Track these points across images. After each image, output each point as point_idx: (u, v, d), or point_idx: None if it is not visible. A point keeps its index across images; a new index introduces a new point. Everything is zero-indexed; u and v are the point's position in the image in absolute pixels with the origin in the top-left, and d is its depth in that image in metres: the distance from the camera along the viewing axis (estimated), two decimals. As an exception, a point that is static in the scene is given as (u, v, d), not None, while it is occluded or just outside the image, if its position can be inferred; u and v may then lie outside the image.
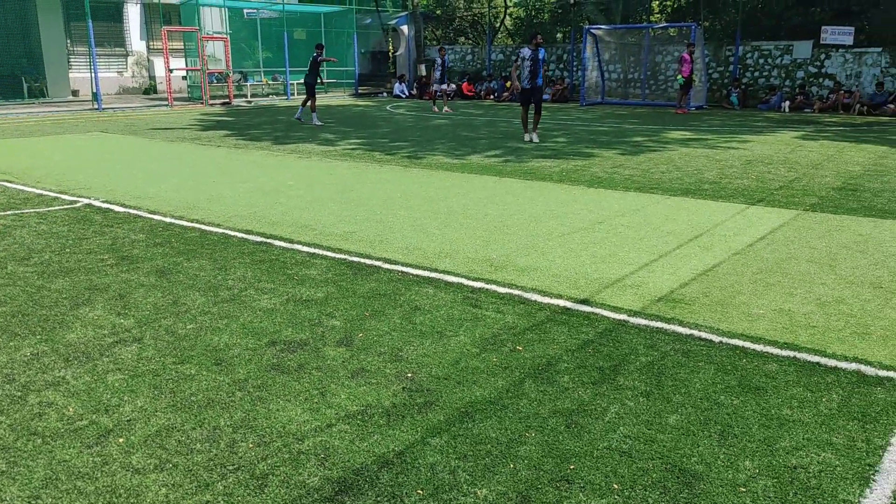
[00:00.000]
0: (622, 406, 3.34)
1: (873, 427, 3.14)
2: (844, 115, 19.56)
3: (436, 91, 21.48)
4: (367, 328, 4.31)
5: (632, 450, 2.98)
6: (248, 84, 27.84)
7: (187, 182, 9.29)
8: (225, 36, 26.83)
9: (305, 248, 6.07)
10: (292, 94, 27.57)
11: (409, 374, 3.68)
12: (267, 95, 28.27)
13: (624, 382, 3.58)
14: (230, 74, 25.44)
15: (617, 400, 3.41)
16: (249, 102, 25.37)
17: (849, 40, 21.05)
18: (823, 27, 21.46)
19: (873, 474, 2.80)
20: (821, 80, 21.96)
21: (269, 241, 6.32)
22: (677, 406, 3.34)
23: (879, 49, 21.02)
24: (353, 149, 12.73)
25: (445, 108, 21.06)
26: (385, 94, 30.11)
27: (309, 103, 17.16)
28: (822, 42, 21.45)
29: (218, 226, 6.86)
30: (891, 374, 3.65)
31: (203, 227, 6.84)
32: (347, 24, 29.89)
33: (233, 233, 6.60)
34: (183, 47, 26.94)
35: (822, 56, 21.87)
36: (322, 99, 27.86)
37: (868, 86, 20.90)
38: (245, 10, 29.91)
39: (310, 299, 4.81)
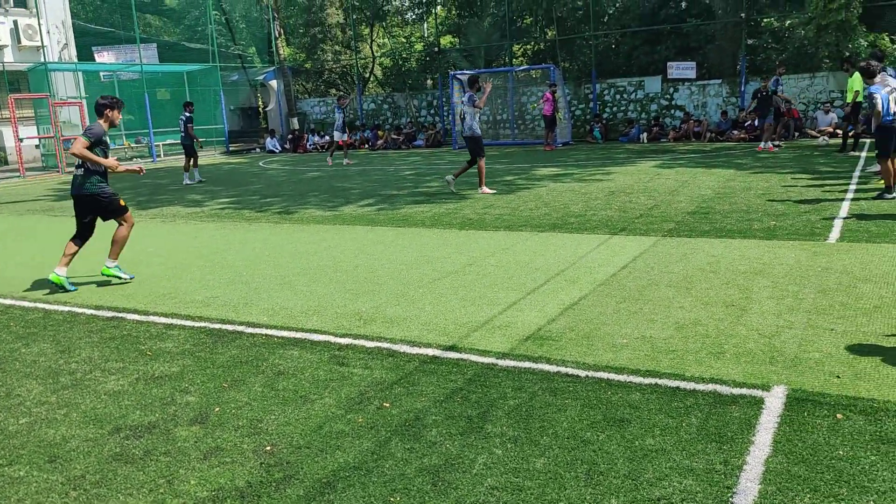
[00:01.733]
0: (490, 455, 3.25)
1: (730, 447, 3.20)
2: (696, 142, 20.90)
3: (343, 142, 20.37)
4: (225, 401, 4.04)
5: (499, 502, 2.88)
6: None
7: (34, 258, 8.63)
8: (80, 101, 25.61)
9: (162, 320, 5.70)
10: (157, 157, 26.58)
11: (269, 448, 3.45)
12: (130, 159, 27.09)
13: (492, 430, 3.50)
14: (89, 140, 24.23)
15: (485, 449, 3.31)
16: (112, 167, 24.19)
17: (692, 74, 22.68)
18: (669, 63, 23.03)
19: (731, 497, 2.82)
20: (672, 111, 23.44)
21: (121, 315, 5.90)
22: (544, 449, 3.29)
23: (719, 81, 22.73)
24: (221, 208, 12.30)
25: (346, 161, 20.29)
26: (258, 150, 29.60)
27: (191, 163, 17.07)
28: (669, 77, 22.97)
29: (65, 303, 6.36)
30: (744, 391, 3.76)
31: (47, 306, 6.32)
32: (213, 81, 29.27)
33: (80, 310, 6.12)
34: (34, 114, 25.46)
35: (671, 90, 23.39)
36: (191, 159, 27.04)
37: (714, 114, 22.47)
38: (101, 73, 28.74)
39: (163, 375, 4.48)
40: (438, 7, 32.02)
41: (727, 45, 22.97)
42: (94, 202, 6.88)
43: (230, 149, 29.48)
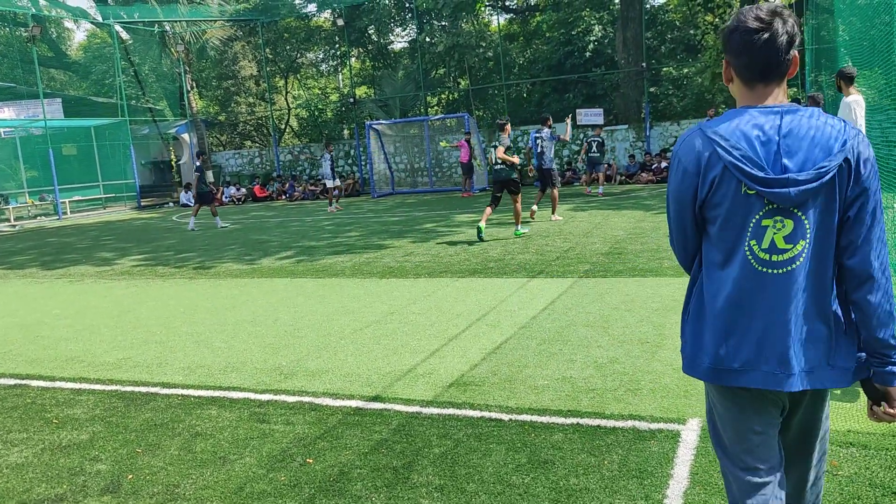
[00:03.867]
0: (416, 506, 3.22)
1: (650, 482, 3.27)
2: (606, 185, 21.66)
3: (332, 189, 20.20)
4: (139, 467, 3.86)
5: (427, 553, 2.85)
6: (11, 207, 25.44)
7: (-73, 325, 8.09)
8: (-20, 157, 24.48)
9: (69, 385, 5.43)
10: (63, 213, 25.57)
11: (186, 514, 3.31)
12: (34, 217, 25.98)
13: (418, 479, 3.48)
14: (-12, 199, 23.14)
15: (411, 500, 3.28)
16: (14, 227, 23.14)
17: (600, 120, 23.61)
18: (578, 110, 23.94)
19: (654, 530, 2.89)
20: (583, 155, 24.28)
21: (24, 382, 5.59)
22: (471, 495, 3.28)
23: (626, 126, 23.78)
24: (133, 265, 11.89)
25: (336, 207, 19.96)
26: (171, 204, 28.89)
27: (211, 208, 17.67)
28: (578, 123, 23.87)
29: (-38, 373, 5.97)
30: (660, 425, 3.88)
31: (-58, 376, 5.92)
32: (123, 135, 28.55)
33: (-20, 379, 5.76)
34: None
35: (581, 135, 24.28)
36: (101, 215, 26.16)
37: (622, 158, 23.42)
38: (1, 129, 27.61)
39: (71, 444, 4.25)
40: (353, 60, 32.40)
41: (631, 92, 24.12)
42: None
43: (142, 204, 28.67)
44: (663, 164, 21.59)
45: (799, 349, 1.96)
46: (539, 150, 13.81)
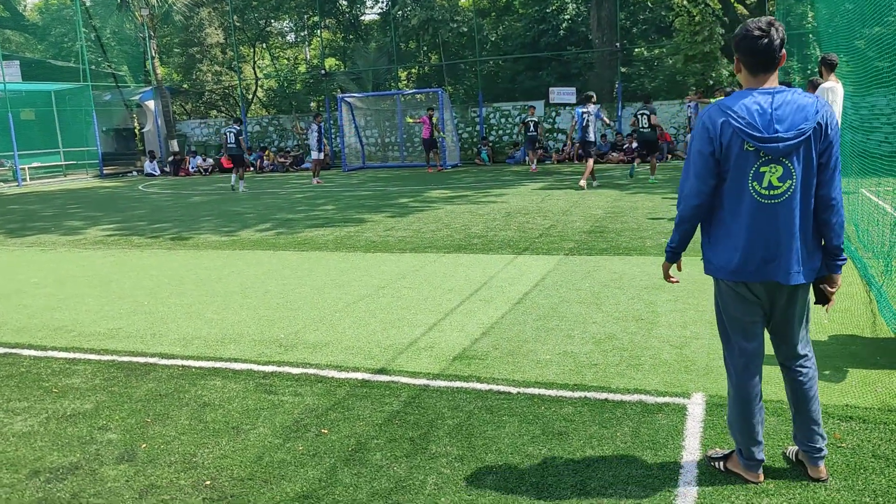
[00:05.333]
0: (439, 476, 3.29)
1: (664, 453, 3.39)
2: (579, 164, 21.84)
3: (316, 160, 20.04)
4: (151, 436, 3.86)
5: (457, 520, 2.92)
6: (-32, 172, 24.63)
7: None
8: (-66, 120, 23.60)
9: (63, 354, 5.35)
10: (24, 181, 24.86)
11: (208, 482, 3.33)
12: (-7, 183, 25.21)
13: (436, 450, 3.54)
14: (-57, 163, 22.36)
15: (433, 470, 3.35)
16: (-29, 192, 22.42)
17: (572, 99, 23.75)
18: (551, 88, 24.04)
19: (674, 499, 3.00)
20: (555, 134, 24.43)
21: (14, 351, 5.49)
22: (491, 465, 3.36)
23: (598, 105, 23.89)
24: (106, 235, 11.67)
25: (318, 180, 19.85)
26: (135, 173, 28.28)
27: (240, 171, 18.92)
28: (551, 101, 23.97)
29: (-54, 341, 5.84)
30: (666, 399, 4.00)
31: (-74, 344, 5.78)
32: (84, 101, 27.74)
33: (-33, 347, 5.64)
34: None
35: (553, 113, 24.40)
36: (63, 182, 25.51)
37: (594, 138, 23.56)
38: (-44, 92, 26.59)
39: (76, 413, 4.21)
40: (324, 31, 31.91)
41: (604, 72, 24.27)
42: None
43: (104, 172, 27.99)
44: (634, 146, 21.82)
45: (794, 255, 2.83)
46: (584, 124, 15.50)
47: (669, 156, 21.49)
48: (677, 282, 3.22)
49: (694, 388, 4.12)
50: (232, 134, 18.60)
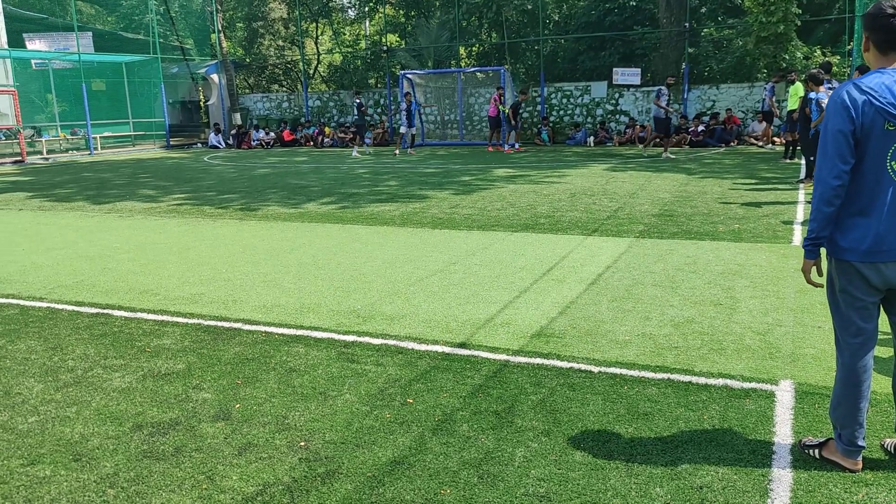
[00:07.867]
0: (527, 449, 3.34)
1: (754, 438, 3.37)
2: (641, 147, 21.49)
3: (404, 134, 21.65)
4: (244, 397, 4.00)
5: (549, 493, 2.97)
6: (43, 139, 25.54)
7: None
8: (11, 88, 24.49)
9: (151, 316, 5.57)
10: (95, 150, 25.66)
11: (303, 443, 3.44)
12: (66, 151, 26.10)
13: (522, 424, 3.59)
14: (21, 130, 23.23)
15: (520, 443, 3.39)
16: (46, 160, 23.30)
17: (636, 80, 23.30)
18: (614, 69, 23.60)
19: (768, 483, 2.99)
20: (617, 116, 24.06)
21: (106, 311, 5.73)
22: (578, 441, 3.39)
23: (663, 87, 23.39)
24: (179, 204, 12.01)
25: (397, 151, 21.24)
26: (199, 145, 28.92)
27: (359, 140, 22.07)
28: (614, 82, 23.56)
29: (41, 299, 6.13)
30: (753, 385, 3.96)
31: (22, 302, 6.08)
32: (153, 73, 28.45)
33: (60, 306, 5.91)
34: (-39, 102, 24.25)
35: (616, 95, 24.00)
36: (132, 152, 26.25)
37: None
38: (33, 61, 27.54)
39: (170, 372, 4.39)
40: (387, 6, 31.93)
41: (670, 53, 23.72)
42: None
43: (171, 143, 28.71)
44: (700, 129, 21.35)
45: None
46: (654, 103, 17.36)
47: (736, 140, 20.96)
48: (821, 285, 3.17)
49: (781, 376, 4.06)
50: (355, 106, 21.08)
